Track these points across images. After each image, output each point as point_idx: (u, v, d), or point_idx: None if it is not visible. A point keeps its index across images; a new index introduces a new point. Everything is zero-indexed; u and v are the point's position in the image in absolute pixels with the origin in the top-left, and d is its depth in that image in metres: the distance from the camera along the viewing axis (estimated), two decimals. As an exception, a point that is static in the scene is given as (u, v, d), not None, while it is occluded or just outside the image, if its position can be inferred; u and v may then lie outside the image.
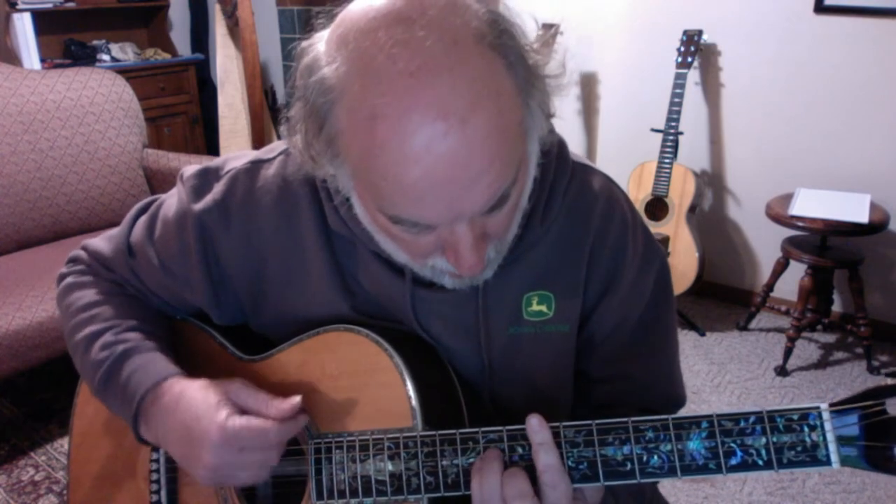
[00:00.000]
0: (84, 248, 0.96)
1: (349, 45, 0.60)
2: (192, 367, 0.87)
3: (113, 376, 0.83)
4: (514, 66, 0.61)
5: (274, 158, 0.85)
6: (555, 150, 0.80)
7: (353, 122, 0.60)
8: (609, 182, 0.85)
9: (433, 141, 0.57)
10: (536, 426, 0.68)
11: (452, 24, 0.59)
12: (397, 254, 0.72)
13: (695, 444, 0.65)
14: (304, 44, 0.65)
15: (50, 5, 3.79)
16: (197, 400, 0.77)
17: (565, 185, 0.80)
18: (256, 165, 0.85)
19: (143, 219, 0.92)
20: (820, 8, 2.73)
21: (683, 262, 2.93)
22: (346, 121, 0.60)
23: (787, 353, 2.69)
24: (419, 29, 0.57)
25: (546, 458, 0.67)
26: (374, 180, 0.61)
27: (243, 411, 0.76)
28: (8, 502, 2.08)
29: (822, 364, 2.76)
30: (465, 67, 0.58)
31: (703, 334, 2.98)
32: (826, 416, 0.62)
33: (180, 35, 4.63)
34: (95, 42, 4.16)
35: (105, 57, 4.10)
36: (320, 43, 0.64)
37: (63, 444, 2.30)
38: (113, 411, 0.86)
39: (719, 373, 2.72)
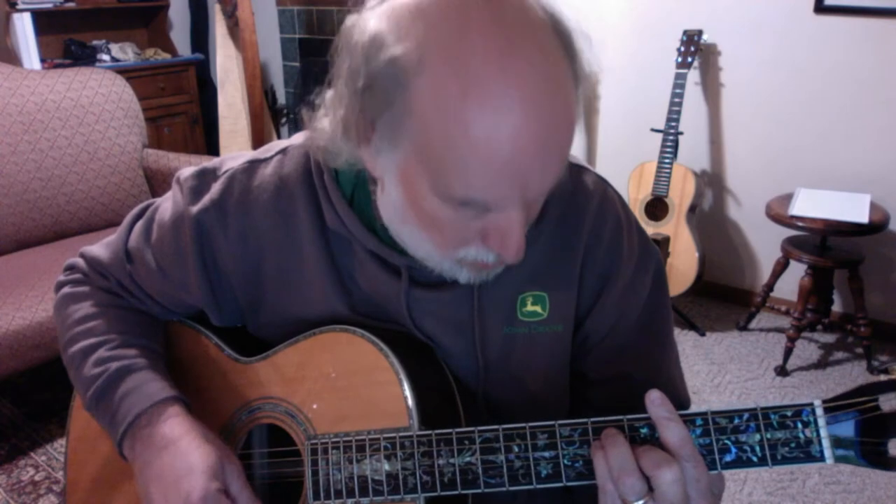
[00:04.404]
0: (82, 255, 0.96)
1: (428, 19, 0.59)
2: (190, 369, 0.87)
3: (106, 394, 0.83)
4: (573, 58, 0.63)
5: (271, 158, 0.85)
6: None
7: (438, 99, 0.58)
8: (603, 182, 0.85)
9: (529, 119, 0.58)
10: (659, 400, 0.65)
11: (531, 6, 0.61)
12: (420, 246, 0.70)
13: None
14: (348, 25, 0.65)
15: (50, 5, 3.79)
16: (194, 454, 0.76)
17: (559, 184, 0.80)
18: (253, 165, 0.85)
19: (139, 223, 0.91)
20: (820, 8, 2.73)
21: (683, 262, 2.93)
22: (428, 97, 0.59)
23: (787, 353, 2.69)
24: (507, 9, 0.59)
25: (680, 430, 0.63)
26: (453, 159, 0.60)
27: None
28: (8, 502, 2.08)
29: (822, 364, 2.76)
30: (549, 51, 0.60)
31: (703, 334, 2.98)
32: (819, 412, 0.62)
33: (180, 35, 4.63)
34: (95, 42, 4.15)
35: (105, 57, 4.10)
36: (373, 21, 0.62)
37: (63, 444, 2.29)
38: (101, 425, 0.86)
39: (719, 373, 2.71)
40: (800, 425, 0.63)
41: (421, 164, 0.63)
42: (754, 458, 0.64)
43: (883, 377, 0.60)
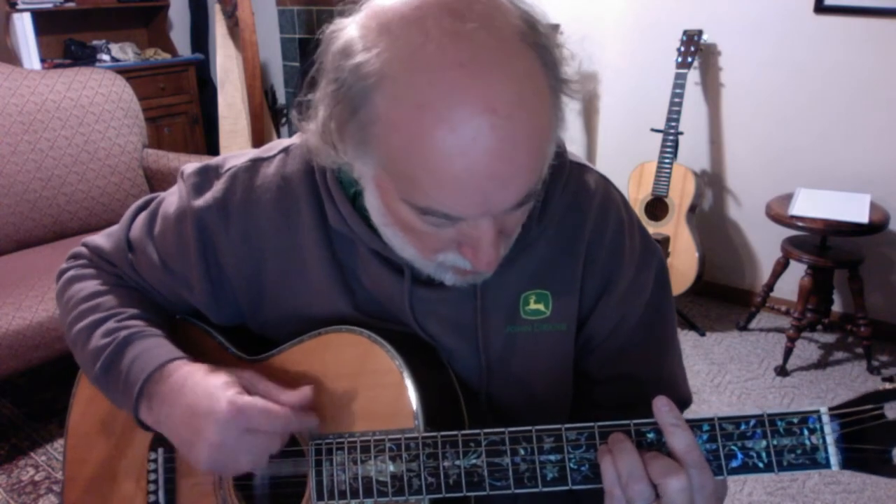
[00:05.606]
0: (85, 245, 0.96)
1: (392, 31, 0.59)
2: None
3: (115, 361, 0.82)
4: (549, 68, 0.62)
5: (273, 157, 0.85)
6: None
7: (395, 110, 0.59)
8: (605, 181, 0.85)
9: (481, 134, 0.57)
10: (666, 407, 0.65)
11: (498, 18, 0.60)
12: (404, 248, 0.71)
13: None
14: (330, 28, 0.65)
15: (50, 5, 3.79)
16: (206, 380, 0.76)
17: (562, 183, 0.80)
18: (256, 164, 0.85)
19: (143, 215, 0.92)
20: (820, 8, 2.74)
21: (683, 262, 2.93)
22: (386, 108, 0.59)
23: (787, 353, 2.69)
24: (468, 21, 0.58)
25: (687, 437, 0.64)
26: (411, 170, 0.60)
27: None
28: (8, 502, 2.08)
29: (822, 364, 2.76)
30: (512, 64, 0.59)
31: (703, 334, 2.98)
32: (826, 419, 0.63)
33: (180, 35, 4.62)
34: (95, 42, 4.15)
35: (105, 57, 4.09)
36: (351, 27, 0.63)
37: (63, 444, 2.29)
38: (110, 397, 0.85)
39: (719, 373, 2.72)
40: (806, 432, 0.63)
41: (386, 172, 0.63)
42: (760, 465, 0.64)
43: (888, 385, 0.60)
